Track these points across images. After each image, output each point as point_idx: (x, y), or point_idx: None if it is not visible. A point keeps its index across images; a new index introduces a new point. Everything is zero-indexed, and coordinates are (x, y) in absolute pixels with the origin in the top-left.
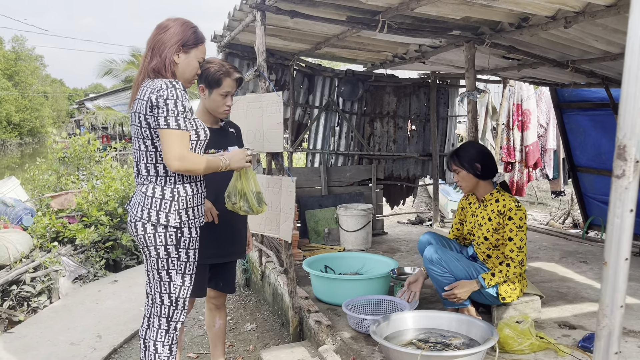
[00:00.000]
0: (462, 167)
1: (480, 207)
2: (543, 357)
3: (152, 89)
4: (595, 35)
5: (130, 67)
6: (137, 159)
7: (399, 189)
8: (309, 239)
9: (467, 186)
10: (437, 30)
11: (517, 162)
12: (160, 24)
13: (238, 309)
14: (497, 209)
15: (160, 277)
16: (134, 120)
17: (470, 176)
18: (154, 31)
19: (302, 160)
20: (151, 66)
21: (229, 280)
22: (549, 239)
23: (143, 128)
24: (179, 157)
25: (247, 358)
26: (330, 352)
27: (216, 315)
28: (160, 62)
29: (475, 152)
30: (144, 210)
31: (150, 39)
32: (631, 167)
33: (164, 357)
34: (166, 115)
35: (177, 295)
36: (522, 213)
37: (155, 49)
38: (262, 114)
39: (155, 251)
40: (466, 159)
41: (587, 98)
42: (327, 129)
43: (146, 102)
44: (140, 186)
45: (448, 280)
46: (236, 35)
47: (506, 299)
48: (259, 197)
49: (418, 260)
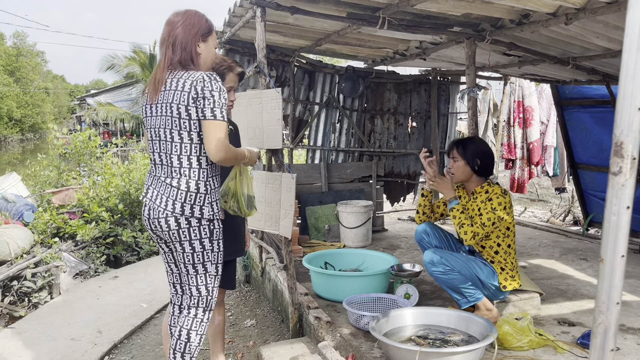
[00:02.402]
0: (462, 157)
1: (471, 200)
2: (542, 353)
3: (193, 80)
4: (596, 32)
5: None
6: (167, 151)
7: (400, 186)
8: (309, 236)
9: (460, 177)
10: (438, 26)
11: (518, 159)
12: (172, 19)
13: (238, 305)
14: (485, 198)
15: (196, 270)
16: (166, 111)
17: (467, 168)
18: (169, 27)
19: (303, 156)
20: (177, 60)
21: (230, 277)
22: (549, 236)
23: (182, 119)
24: (226, 147)
25: (246, 354)
26: (330, 349)
27: (215, 311)
28: (186, 55)
29: (480, 148)
30: (176, 203)
31: (168, 34)
32: (628, 164)
33: (195, 346)
34: (213, 107)
35: (213, 285)
36: (504, 201)
37: (177, 44)
38: (262, 110)
39: (190, 245)
40: (469, 151)
41: (588, 95)
42: (328, 125)
43: (188, 93)
44: (168, 178)
45: (453, 276)
46: (236, 31)
47: (507, 287)
48: (250, 201)
49: (418, 257)
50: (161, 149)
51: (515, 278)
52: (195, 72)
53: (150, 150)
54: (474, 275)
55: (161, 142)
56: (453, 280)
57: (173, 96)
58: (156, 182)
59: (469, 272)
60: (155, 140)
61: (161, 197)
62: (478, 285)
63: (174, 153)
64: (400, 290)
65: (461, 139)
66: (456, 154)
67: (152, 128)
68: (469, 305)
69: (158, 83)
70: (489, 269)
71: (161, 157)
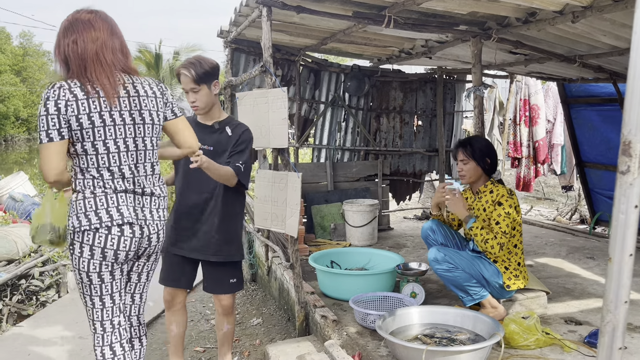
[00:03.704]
0: (472, 159)
1: (476, 199)
2: (549, 352)
3: (154, 84)
4: (603, 30)
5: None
6: (141, 160)
7: (405, 185)
8: (315, 234)
9: (471, 178)
10: (444, 25)
11: (524, 157)
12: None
13: (244, 304)
14: (491, 199)
15: (148, 278)
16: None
17: (479, 169)
18: (110, 32)
19: (308, 155)
20: (129, 65)
21: (215, 281)
22: (556, 235)
23: (155, 125)
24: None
25: (253, 352)
26: (336, 347)
27: (224, 320)
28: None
29: (487, 147)
30: (159, 212)
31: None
32: (636, 163)
33: None
34: (174, 106)
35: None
36: (513, 202)
37: (125, 49)
38: (268, 109)
39: (159, 250)
40: (478, 152)
41: (595, 93)
42: (333, 124)
43: (160, 98)
44: (149, 188)
45: (457, 274)
46: (242, 30)
47: (511, 286)
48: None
49: (424, 255)
50: (130, 160)
51: (519, 277)
52: (144, 77)
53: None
54: (479, 273)
55: (130, 152)
56: (457, 278)
57: (146, 102)
58: (131, 198)
59: (473, 270)
60: (113, 153)
61: (150, 210)
62: (483, 283)
63: (147, 161)
64: (407, 289)
65: (466, 140)
66: (465, 155)
67: (106, 139)
68: (473, 303)
69: (113, 88)
70: (493, 268)
71: (122, 169)
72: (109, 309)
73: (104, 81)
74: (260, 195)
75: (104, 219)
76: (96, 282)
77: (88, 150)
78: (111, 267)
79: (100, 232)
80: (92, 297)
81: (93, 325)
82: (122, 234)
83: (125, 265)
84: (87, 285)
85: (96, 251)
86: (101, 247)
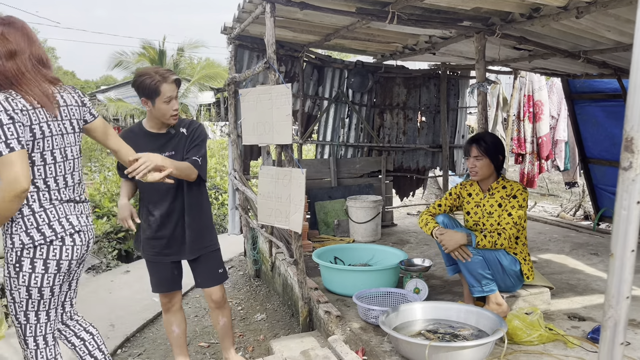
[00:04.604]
0: (486, 155)
1: (487, 196)
2: (552, 348)
3: (74, 92)
4: (607, 26)
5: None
6: (71, 169)
7: (409, 181)
8: (319, 231)
9: (483, 174)
10: (447, 21)
11: (528, 153)
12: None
13: (248, 299)
14: (505, 194)
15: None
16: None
17: (492, 166)
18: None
19: (312, 152)
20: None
21: (203, 275)
22: (559, 231)
23: (77, 133)
24: None
25: (257, 348)
26: (340, 342)
27: (219, 314)
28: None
29: (499, 143)
30: (89, 218)
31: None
32: (638, 159)
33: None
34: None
35: None
36: (527, 196)
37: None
38: (272, 106)
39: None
40: (492, 148)
41: (600, 89)
42: (337, 120)
43: (81, 106)
44: (82, 195)
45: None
46: (246, 27)
47: (530, 277)
48: None
49: (427, 251)
50: (66, 170)
51: (532, 270)
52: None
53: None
54: (497, 261)
55: (67, 162)
56: (475, 263)
57: (76, 111)
58: (72, 207)
59: (491, 257)
60: (59, 163)
61: (86, 217)
62: (499, 272)
63: (76, 170)
64: (410, 285)
65: (478, 136)
66: (479, 151)
67: (53, 149)
68: (482, 294)
69: (51, 98)
70: (511, 257)
71: (66, 178)
72: (43, 324)
73: (37, 92)
74: (264, 191)
75: (57, 230)
76: (47, 296)
77: (36, 162)
78: (62, 279)
79: (55, 244)
80: (28, 312)
81: (25, 341)
82: (74, 243)
83: (79, 265)
84: (36, 301)
85: (51, 264)
86: (56, 259)
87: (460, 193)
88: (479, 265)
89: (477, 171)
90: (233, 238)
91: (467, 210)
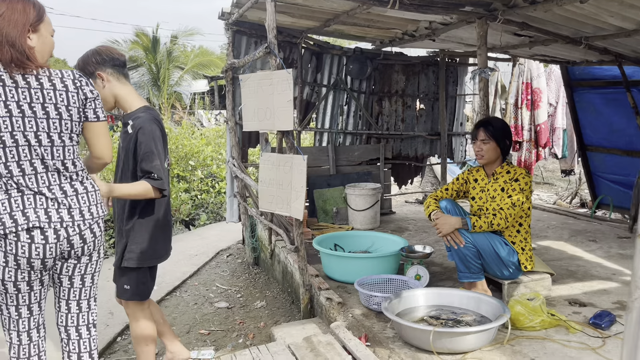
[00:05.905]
0: (493, 138)
1: (491, 181)
2: (554, 333)
3: (74, 78)
4: (610, 11)
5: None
6: (62, 156)
7: (407, 169)
8: (318, 218)
9: (490, 158)
10: (449, 6)
11: (525, 141)
12: None
13: (247, 287)
14: (508, 178)
15: (93, 282)
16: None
17: (498, 149)
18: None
19: (308, 140)
20: (8, 59)
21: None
22: (557, 218)
23: (74, 121)
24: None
25: (258, 334)
26: (342, 328)
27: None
28: (16, 53)
29: (506, 128)
30: (91, 207)
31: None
32: None
33: None
34: (100, 108)
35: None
36: (529, 180)
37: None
38: (273, 91)
39: (100, 250)
40: (500, 133)
41: (599, 76)
42: (335, 107)
43: (77, 94)
44: (75, 183)
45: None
46: (244, 12)
47: (528, 267)
48: None
49: (426, 238)
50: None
51: (531, 260)
52: (66, 70)
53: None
54: (493, 251)
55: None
56: (467, 249)
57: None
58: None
59: (487, 248)
60: (50, 145)
61: (76, 204)
62: (496, 262)
63: (69, 156)
64: (411, 272)
65: (486, 120)
66: (486, 135)
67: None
68: (469, 280)
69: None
70: (509, 248)
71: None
72: (25, 319)
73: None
74: (265, 178)
75: (7, 224)
76: (12, 291)
77: None
78: (28, 277)
79: (10, 238)
80: (8, 306)
81: (9, 334)
82: (33, 240)
83: (45, 274)
84: (3, 294)
85: (10, 258)
86: (13, 254)
87: (467, 178)
88: (471, 255)
89: (483, 154)
90: (231, 226)
91: (472, 195)
